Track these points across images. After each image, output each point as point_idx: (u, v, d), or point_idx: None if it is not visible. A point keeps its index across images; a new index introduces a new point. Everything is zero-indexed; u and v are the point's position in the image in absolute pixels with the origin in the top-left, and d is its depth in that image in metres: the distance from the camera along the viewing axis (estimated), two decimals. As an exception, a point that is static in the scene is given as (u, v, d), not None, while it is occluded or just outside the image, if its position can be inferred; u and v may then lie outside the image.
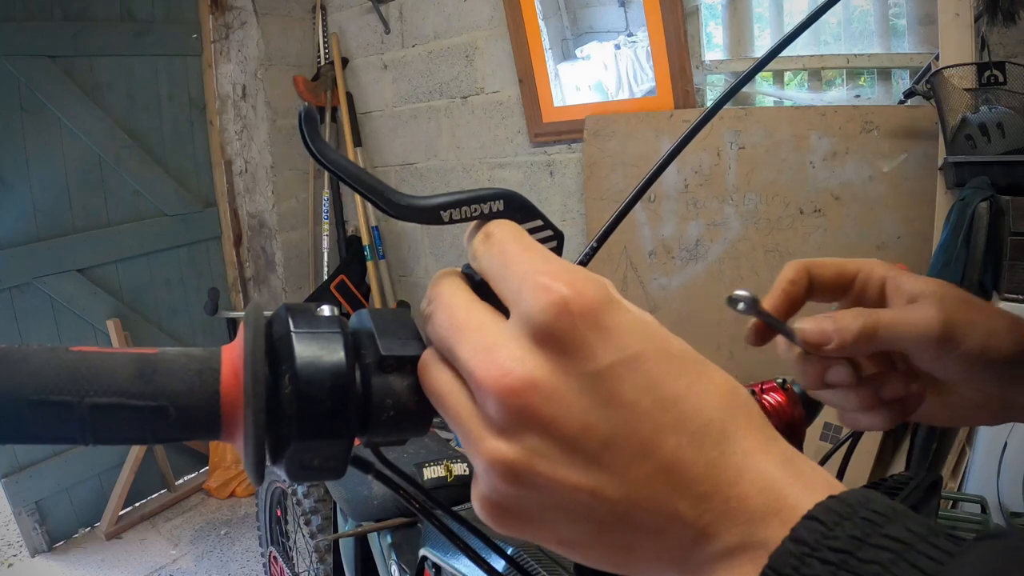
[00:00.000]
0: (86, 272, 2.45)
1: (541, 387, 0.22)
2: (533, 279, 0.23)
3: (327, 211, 3.03)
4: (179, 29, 2.69)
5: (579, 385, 0.22)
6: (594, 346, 0.23)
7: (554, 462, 0.23)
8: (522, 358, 0.23)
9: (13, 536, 2.51)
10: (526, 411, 0.22)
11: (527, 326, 0.23)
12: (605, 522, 0.23)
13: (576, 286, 0.23)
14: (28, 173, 2.28)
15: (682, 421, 0.23)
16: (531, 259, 0.25)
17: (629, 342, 0.23)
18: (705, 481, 0.22)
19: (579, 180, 2.42)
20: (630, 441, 0.22)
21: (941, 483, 0.59)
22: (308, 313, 0.26)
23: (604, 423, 0.22)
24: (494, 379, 0.23)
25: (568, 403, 0.22)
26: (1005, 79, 1.45)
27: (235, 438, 0.25)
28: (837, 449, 0.63)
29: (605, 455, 0.22)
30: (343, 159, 0.27)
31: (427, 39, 2.70)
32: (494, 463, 0.23)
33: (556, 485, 0.23)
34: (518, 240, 0.26)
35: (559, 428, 0.22)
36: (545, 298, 0.23)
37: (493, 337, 0.24)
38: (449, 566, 0.81)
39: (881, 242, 1.88)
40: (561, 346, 0.23)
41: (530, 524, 0.24)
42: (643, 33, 2.13)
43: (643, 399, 0.22)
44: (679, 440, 0.22)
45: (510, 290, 0.24)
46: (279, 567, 1.71)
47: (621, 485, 0.22)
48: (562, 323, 0.22)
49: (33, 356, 0.24)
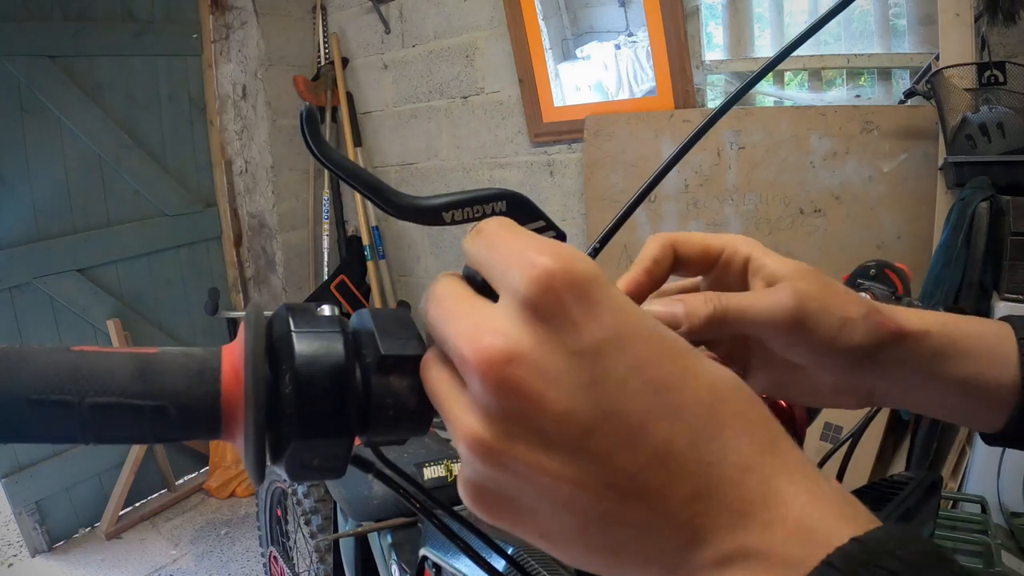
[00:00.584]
0: (86, 272, 2.45)
1: (524, 360, 0.21)
2: (519, 256, 0.23)
3: (327, 211, 3.02)
4: (179, 29, 2.69)
5: (565, 362, 0.21)
6: (582, 321, 0.21)
7: (534, 445, 0.21)
8: (506, 331, 0.22)
9: (13, 536, 2.51)
10: (507, 384, 0.21)
11: (514, 301, 0.22)
12: (589, 516, 0.22)
13: (563, 259, 0.22)
14: (28, 173, 2.28)
15: (675, 408, 0.21)
16: (517, 241, 0.24)
17: (620, 319, 0.22)
18: (699, 477, 0.21)
19: (579, 180, 2.42)
20: (616, 425, 0.21)
21: (941, 483, 0.59)
22: (308, 313, 0.26)
23: (589, 404, 0.21)
24: (475, 351, 0.22)
25: (552, 379, 0.21)
26: (1005, 79, 1.45)
27: (235, 437, 0.25)
28: (837, 449, 0.63)
29: (589, 440, 0.21)
30: (344, 159, 0.27)
31: (427, 39, 2.70)
32: (472, 443, 0.22)
33: (536, 470, 0.22)
34: (506, 228, 0.25)
35: (541, 406, 0.21)
36: (530, 272, 0.22)
37: (480, 316, 0.23)
38: (449, 566, 0.81)
39: (881, 242, 1.88)
40: (547, 319, 0.21)
41: (511, 512, 0.24)
42: (643, 33, 2.13)
43: (632, 380, 0.21)
44: (671, 429, 0.21)
45: (498, 273, 0.23)
46: (279, 567, 1.71)
47: (605, 474, 0.21)
48: (548, 296, 0.21)
49: (33, 356, 0.24)
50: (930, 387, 0.36)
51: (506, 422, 0.22)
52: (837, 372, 0.35)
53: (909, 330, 0.35)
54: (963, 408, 0.37)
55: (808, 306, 0.33)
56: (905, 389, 0.36)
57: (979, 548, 1.04)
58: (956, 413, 0.38)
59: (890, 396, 0.37)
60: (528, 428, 0.21)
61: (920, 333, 0.35)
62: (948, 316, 0.37)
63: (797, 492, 0.21)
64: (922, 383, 0.36)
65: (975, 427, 0.38)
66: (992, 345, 0.36)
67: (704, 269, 0.39)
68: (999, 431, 0.37)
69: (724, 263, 0.38)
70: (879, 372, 0.35)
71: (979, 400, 0.36)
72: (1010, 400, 0.36)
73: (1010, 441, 0.37)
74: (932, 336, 0.35)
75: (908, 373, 0.35)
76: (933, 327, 0.35)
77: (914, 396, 0.37)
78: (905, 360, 0.35)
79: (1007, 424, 0.36)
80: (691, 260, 0.38)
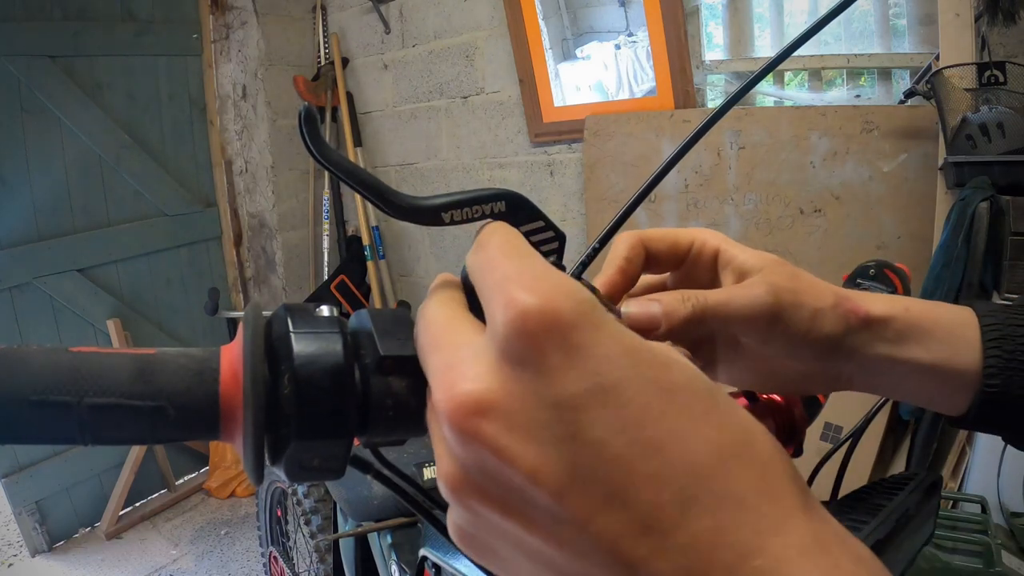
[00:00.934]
0: (86, 272, 2.46)
1: (494, 411, 0.19)
2: (501, 288, 0.20)
3: (327, 211, 3.03)
4: (179, 29, 2.69)
5: (539, 415, 0.19)
6: (561, 369, 0.19)
7: (504, 503, 0.20)
8: (478, 377, 0.20)
9: (13, 536, 2.51)
10: (474, 437, 0.19)
11: (492, 341, 0.20)
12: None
13: (545, 296, 0.20)
14: (28, 173, 2.28)
15: (666, 473, 0.18)
16: (508, 266, 0.21)
17: (606, 368, 0.19)
18: (688, 556, 0.18)
19: (579, 180, 2.42)
20: (592, 487, 0.18)
21: (941, 483, 0.59)
22: (307, 313, 0.26)
23: (562, 463, 0.19)
24: (445, 400, 0.20)
25: (523, 434, 0.19)
26: (1005, 79, 1.45)
27: (234, 438, 0.25)
28: (837, 449, 0.63)
29: (563, 501, 0.19)
30: (343, 159, 0.27)
31: (427, 39, 2.70)
32: (446, 487, 0.21)
33: (506, 527, 0.20)
34: (503, 245, 0.23)
35: (510, 463, 0.19)
36: (509, 311, 0.20)
37: (459, 355, 0.21)
38: (449, 566, 0.81)
39: (881, 242, 1.87)
40: (523, 365, 0.19)
41: (491, 557, 0.22)
42: (643, 33, 2.13)
43: (616, 440, 0.18)
44: (659, 496, 0.18)
45: (485, 303, 0.22)
46: (279, 567, 1.71)
47: (581, 539, 0.19)
48: (524, 339, 0.19)
49: (32, 356, 0.24)
50: (896, 371, 0.36)
51: (476, 474, 0.20)
52: (807, 361, 0.36)
53: (875, 315, 0.35)
54: (928, 391, 0.37)
55: (783, 299, 0.33)
56: (871, 373, 0.37)
57: (979, 548, 1.04)
58: (921, 396, 0.38)
59: (856, 380, 0.37)
60: (496, 483, 0.20)
61: (885, 318, 0.35)
62: (913, 301, 0.37)
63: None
64: (888, 367, 0.36)
65: (940, 410, 0.39)
66: (955, 329, 0.36)
67: (674, 264, 0.39)
68: (963, 414, 0.37)
69: (693, 257, 0.38)
70: (846, 357, 0.36)
71: (943, 384, 0.36)
72: (973, 384, 0.36)
73: (974, 424, 0.37)
74: (896, 320, 0.36)
75: (874, 357, 0.36)
76: (897, 311, 0.36)
77: (880, 380, 0.37)
78: (871, 344, 0.35)
79: (970, 408, 0.36)
80: (661, 256, 0.38)
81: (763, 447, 0.20)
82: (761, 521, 0.18)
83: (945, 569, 1.00)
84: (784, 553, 0.18)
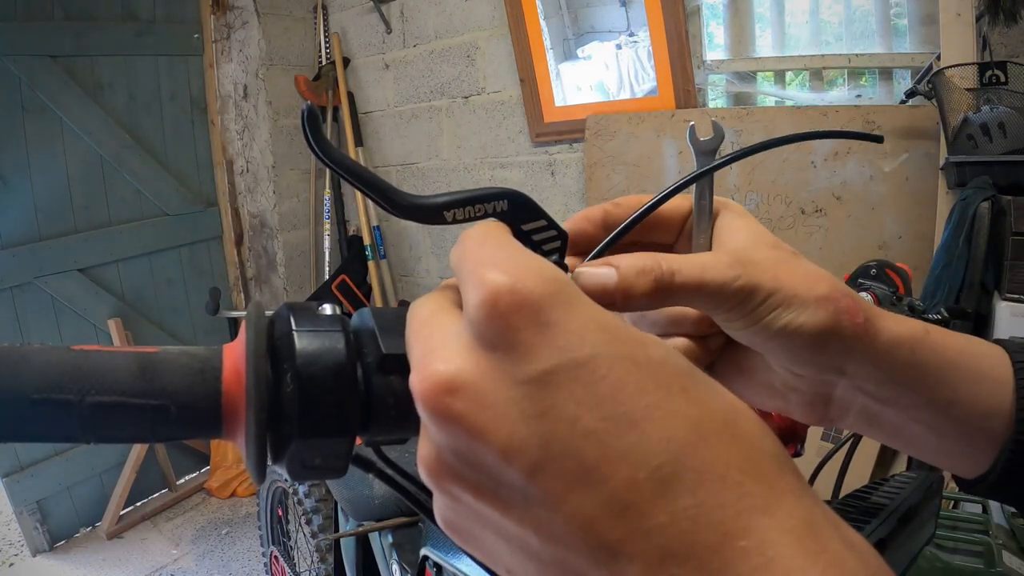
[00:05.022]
0: (87, 272, 2.46)
1: (466, 390, 0.19)
2: (474, 272, 0.20)
3: (328, 211, 3.03)
4: (180, 29, 2.69)
5: (511, 392, 0.19)
6: (532, 346, 0.19)
7: (478, 485, 0.20)
8: (450, 358, 0.20)
9: (14, 535, 2.51)
10: (447, 416, 0.19)
11: (467, 324, 0.20)
12: (545, 562, 0.19)
13: (514, 275, 0.19)
14: (29, 173, 2.28)
15: (642, 449, 0.18)
16: (481, 252, 0.21)
17: (579, 344, 0.19)
18: (669, 535, 0.17)
19: (580, 180, 2.42)
20: (566, 464, 0.18)
21: (942, 483, 0.59)
22: (309, 312, 0.26)
23: (535, 439, 0.18)
24: (421, 380, 0.20)
25: (495, 412, 0.19)
26: (1006, 79, 1.45)
27: (236, 437, 0.25)
28: (838, 449, 0.63)
29: (536, 479, 0.18)
30: (346, 157, 0.27)
31: (428, 39, 2.70)
32: (425, 473, 0.21)
33: (482, 511, 0.20)
34: (480, 237, 0.23)
35: (482, 440, 0.19)
36: (479, 292, 0.20)
37: (437, 340, 0.21)
38: (450, 566, 0.81)
39: (882, 242, 1.87)
40: (494, 345, 0.19)
41: (475, 544, 0.22)
42: (644, 33, 2.13)
43: (589, 415, 0.18)
44: (635, 474, 0.17)
45: (462, 289, 0.21)
46: (280, 567, 1.71)
47: (556, 519, 0.18)
48: (494, 318, 0.19)
49: (34, 355, 0.24)
50: (902, 404, 0.30)
51: (451, 456, 0.20)
52: (784, 361, 0.30)
53: (882, 327, 0.29)
54: (938, 440, 0.30)
55: (752, 274, 0.28)
56: (872, 402, 0.30)
57: (979, 548, 1.03)
58: (928, 446, 0.31)
59: (852, 411, 0.31)
60: (471, 464, 0.19)
61: (898, 335, 0.29)
62: (932, 326, 0.31)
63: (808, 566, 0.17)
64: (893, 398, 0.30)
65: (952, 467, 0.31)
66: (982, 365, 0.30)
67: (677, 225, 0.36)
68: (982, 474, 0.30)
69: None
70: (836, 370, 0.29)
71: (961, 430, 0.30)
72: (1000, 435, 0.29)
73: (994, 487, 0.30)
74: (913, 342, 0.29)
75: (877, 383, 0.29)
76: (917, 332, 0.30)
77: (881, 415, 0.31)
78: (874, 364, 0.29)
79: (994, 465, 0.30)
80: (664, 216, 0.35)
81: (748, 425, 0.19)
82: (745, 500, 0.17)
83: (946, 569, 1.00)
84: (769, 535, 0.17)
